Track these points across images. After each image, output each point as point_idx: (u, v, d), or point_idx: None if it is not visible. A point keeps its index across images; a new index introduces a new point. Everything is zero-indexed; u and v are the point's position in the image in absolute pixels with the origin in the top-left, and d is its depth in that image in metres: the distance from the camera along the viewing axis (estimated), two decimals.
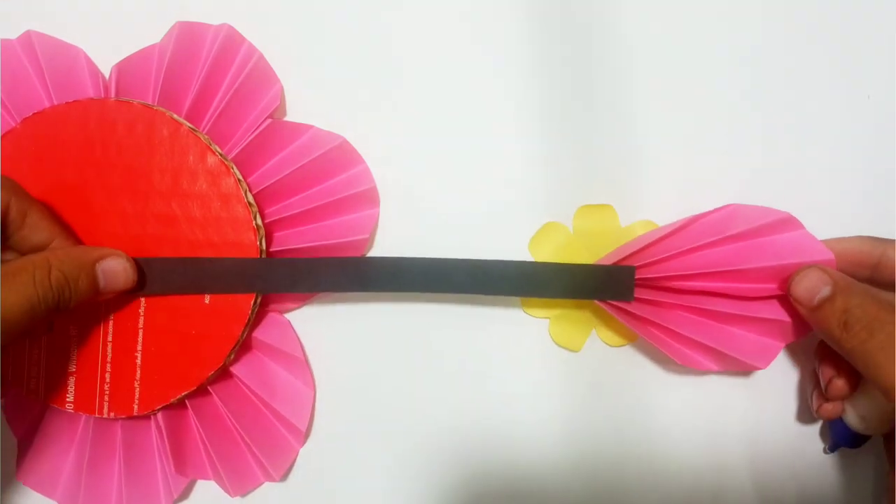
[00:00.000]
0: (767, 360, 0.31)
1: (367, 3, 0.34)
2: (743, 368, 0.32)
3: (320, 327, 0.35)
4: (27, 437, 0.33)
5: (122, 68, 0.32)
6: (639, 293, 0.31)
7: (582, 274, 0.31)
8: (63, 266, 0.28)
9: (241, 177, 0.32)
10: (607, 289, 0.31)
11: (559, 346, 0.34)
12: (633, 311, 0.31)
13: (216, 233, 0.31)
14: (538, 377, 0.34)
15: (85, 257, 0.29)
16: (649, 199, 0.34)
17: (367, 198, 0.33)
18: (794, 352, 0.34)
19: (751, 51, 0.34)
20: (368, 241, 0.34)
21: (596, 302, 0.32)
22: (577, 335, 0.34)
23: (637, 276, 0.31)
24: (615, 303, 0.31)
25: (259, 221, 0.32)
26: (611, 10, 0.34)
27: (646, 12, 0.34)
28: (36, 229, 0.29)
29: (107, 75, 0.33)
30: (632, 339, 0.34)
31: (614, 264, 0.31)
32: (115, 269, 0.30)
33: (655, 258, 0.30)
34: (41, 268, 0.28)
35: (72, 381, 0.32)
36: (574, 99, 0.34)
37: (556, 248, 0.34)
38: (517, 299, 0.34)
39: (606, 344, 0.34)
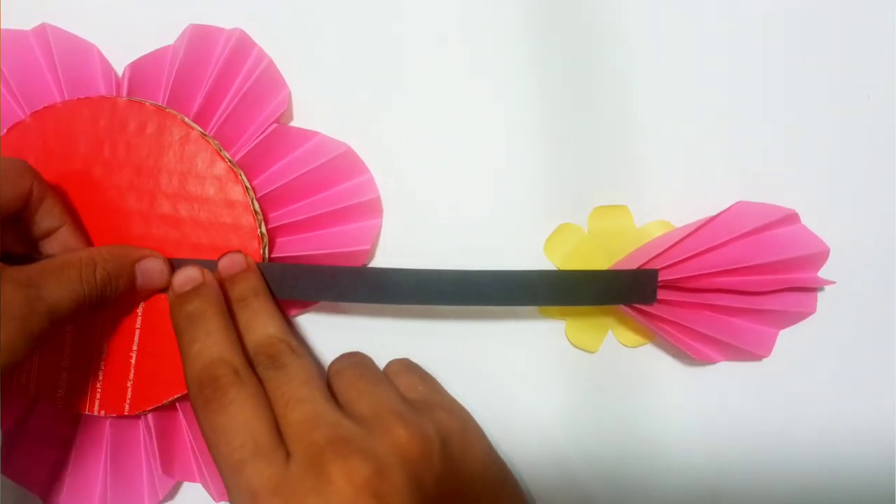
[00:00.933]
0: (769, 348, 0.33)
1: (372, 6, 0.35)
2: (748, 358, 0.33)
3: (320, 332, 0.35)
4: (13, 429, 0.33)
5: (135, 67, 0.33)
6: (659, 294, 0.31)
7: (608, 280, 0.31)
8: (107, 265, 0.29)
9: (248, 184, 0.32)
10: (632, 293, 0.31)
11: (576, 347, 0.34)
12: (653, 311, 0.31)
13: (220, 238, 0.31)
14: (540, 380, 0.34)
15: (126, 257, 0.30)
16: (650, 199, 0.34)
17: (371, 208, 0.33)
18: (804, 354, 0.34)
19: (751, 51, 0.34)
20: (370, 252, 0.34)
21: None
22: (594, 337, 0.34)
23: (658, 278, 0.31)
24: (636, 305, 0.31)
25: (263, 229, 0.32)
26: (611, 11, 0.34)
27: (646, 12, 0.34)
28: (48, 215, 0.30)
29: (119, 73, 0.33)
30: (649, 339, 0.34)
31: (638, 268, 0.31)
32: (153, 270, 0.30)
33: (674, 260, 0.31)
34: (87, 265, 0.28)
35: (64, 377, 0.31)
36: (577, 101, 0.34)
37: (572, 249, 0.34)
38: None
39: (623, 345, 0.34)
